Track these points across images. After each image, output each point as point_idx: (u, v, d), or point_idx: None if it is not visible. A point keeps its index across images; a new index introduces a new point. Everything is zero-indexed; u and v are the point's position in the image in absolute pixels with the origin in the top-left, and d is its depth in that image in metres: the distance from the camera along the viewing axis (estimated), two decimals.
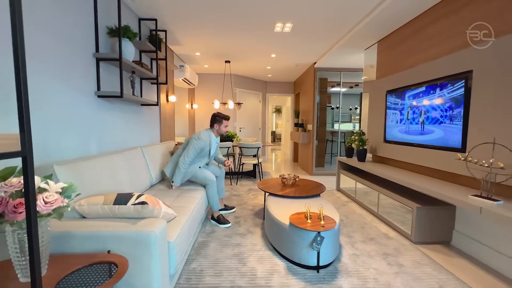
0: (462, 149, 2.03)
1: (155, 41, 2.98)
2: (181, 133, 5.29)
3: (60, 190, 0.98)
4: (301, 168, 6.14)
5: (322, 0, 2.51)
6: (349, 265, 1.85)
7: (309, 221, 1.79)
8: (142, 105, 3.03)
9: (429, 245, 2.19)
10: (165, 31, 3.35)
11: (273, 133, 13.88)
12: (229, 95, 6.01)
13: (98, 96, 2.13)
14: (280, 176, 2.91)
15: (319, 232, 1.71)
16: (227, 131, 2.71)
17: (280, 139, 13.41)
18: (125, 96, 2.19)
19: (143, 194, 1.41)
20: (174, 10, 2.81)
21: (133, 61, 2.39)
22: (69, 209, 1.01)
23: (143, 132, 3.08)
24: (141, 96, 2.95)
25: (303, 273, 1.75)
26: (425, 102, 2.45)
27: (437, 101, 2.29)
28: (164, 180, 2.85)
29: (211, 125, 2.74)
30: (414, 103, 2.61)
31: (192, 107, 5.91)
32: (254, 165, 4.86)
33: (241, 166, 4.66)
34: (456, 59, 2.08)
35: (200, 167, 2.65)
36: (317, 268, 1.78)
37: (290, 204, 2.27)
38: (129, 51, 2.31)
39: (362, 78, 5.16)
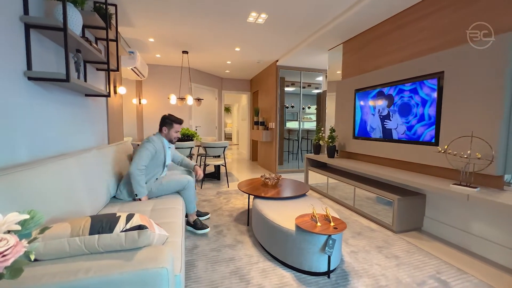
0: (435, 143, 2.25)
1: (105, 15, 2.36)
2: (129, 133, 4.50)
3: (19, 228, 0.54)
4: (261, 167, 6.06)
5: None
6: (354, 264, 1.80)
7: (318, 223, 1.65)
8: (86, 95, 2.36)
9: (407, 233, 2.36)
10: (115, 5, 2.71)
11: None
12: (184, 90, 5.44)
13: (29, 79, 1.50)
14: (261, 176, 2.72)
15: (330, 235, 1.59)
16: (177, 137, 2.33)
17: (231, 138, 13.14)
18: (72, 80, 1.61)
19: (134, 214, 0.99)
20: None
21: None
22: (32, 257, 0.58)
23: (88, 131, 2.40)
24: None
25: (315, 281, 1.60)
26: (399, 99, 2.64)
27: (411, 98, 2.49)
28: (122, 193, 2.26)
29: (160, 129, 2.31)
30: (387, 100, 2.80)
31: (140, 103, 5.11)
32: (216, 167, 4.52)
33: (205, 168, 4.24)
34: (429, 61, 2.28)
35: (157, 179, 2.22)
36: (328, 273, 1.66)
37: (282, 206, 2.10)
38: (76, 20, 1.72)
39: (316, 79, 5.42)
